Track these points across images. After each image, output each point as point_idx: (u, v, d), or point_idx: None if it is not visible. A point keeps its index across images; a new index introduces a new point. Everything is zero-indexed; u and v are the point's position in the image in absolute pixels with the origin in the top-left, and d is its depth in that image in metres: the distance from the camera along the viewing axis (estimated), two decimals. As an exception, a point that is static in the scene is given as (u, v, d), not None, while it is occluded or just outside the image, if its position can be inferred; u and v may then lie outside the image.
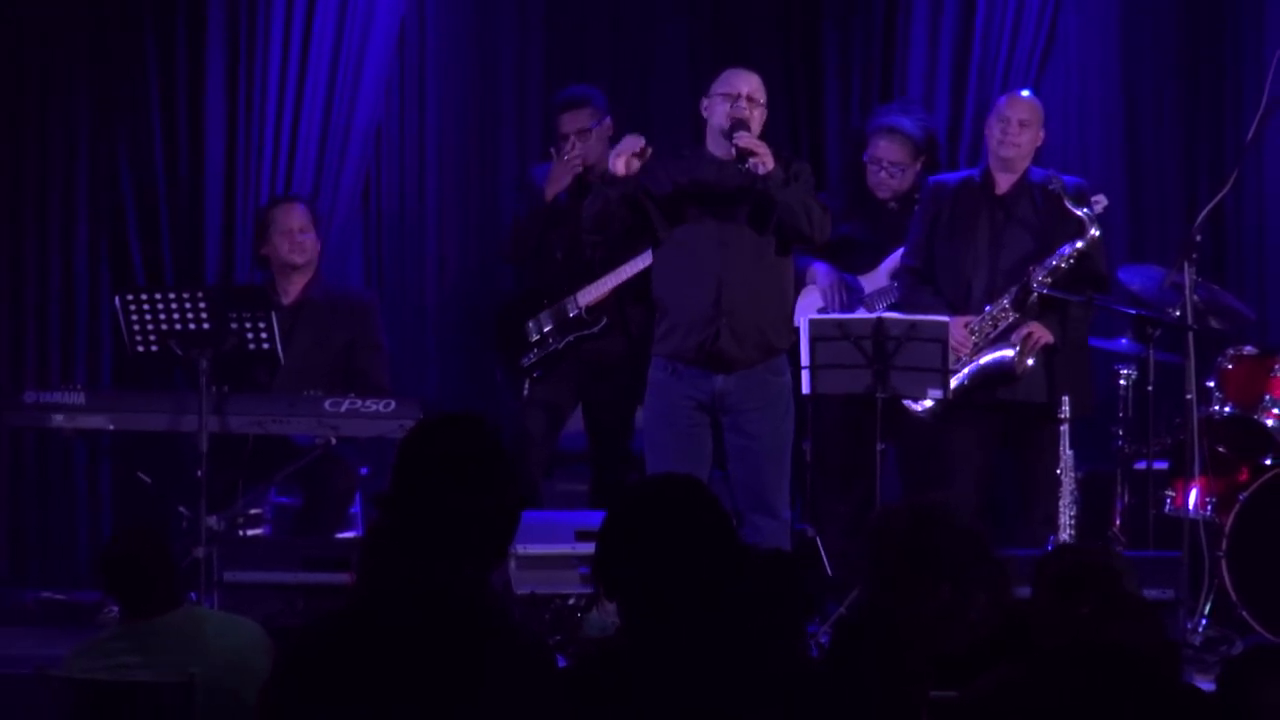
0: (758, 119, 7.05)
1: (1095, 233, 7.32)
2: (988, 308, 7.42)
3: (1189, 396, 7.30)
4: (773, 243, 7.08)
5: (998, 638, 3.94)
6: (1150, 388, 7.32)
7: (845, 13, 8.83)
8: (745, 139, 6.93)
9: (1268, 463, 7.46)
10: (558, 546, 6.94)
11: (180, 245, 8.69)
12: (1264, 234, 8.77)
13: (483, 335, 8.43)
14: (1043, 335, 7.35)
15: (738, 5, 8.94)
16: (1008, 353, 7.35)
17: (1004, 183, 7.55)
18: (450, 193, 9.05)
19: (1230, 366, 7.63)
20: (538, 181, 8.03)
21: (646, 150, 7.02)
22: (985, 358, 7.39)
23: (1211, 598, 7.22)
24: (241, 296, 7.76)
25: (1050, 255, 7.34)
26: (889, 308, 7.73)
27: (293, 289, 8.04)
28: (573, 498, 8.28)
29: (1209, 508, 7.40)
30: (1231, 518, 7.29)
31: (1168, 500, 7.51)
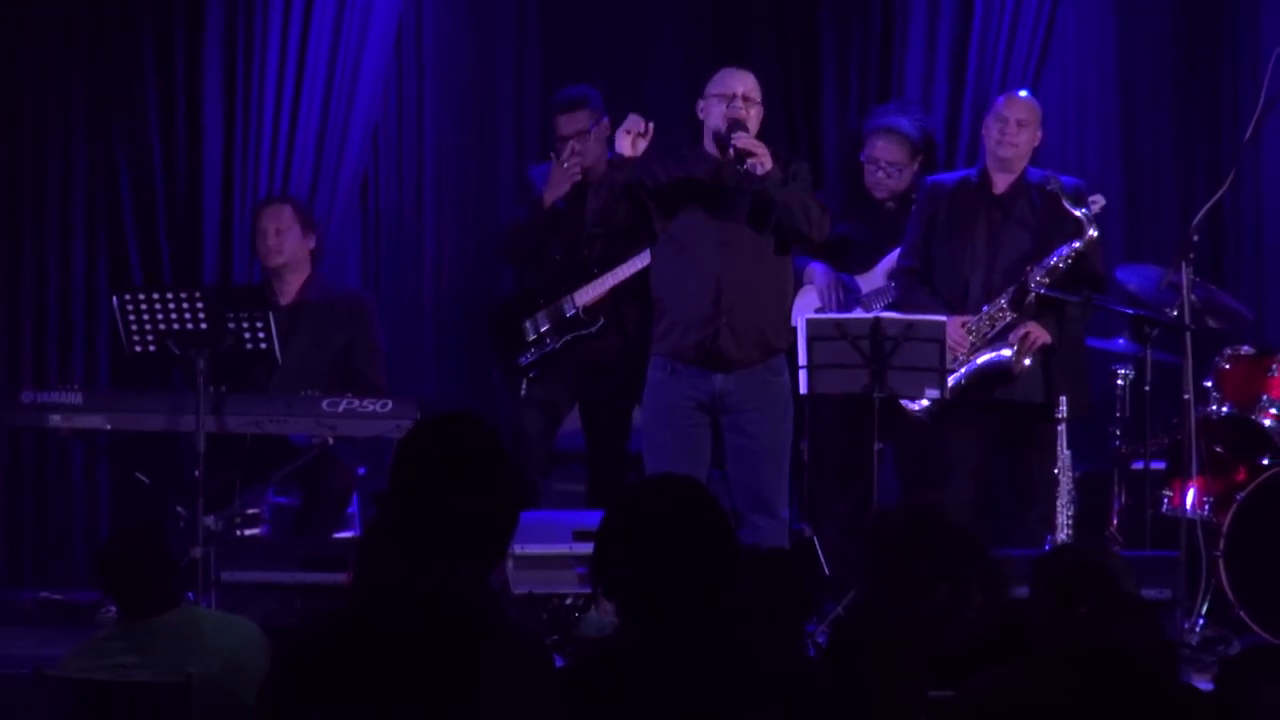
0: (754, 118, 7.04)
1: (1093, 233, 7.32)
2: (985, 307, 7.42)
3: (1186, 396, 7.29)
4: (772, 242, 7.07)
5: (995, 638, 3.94)
6: (1148, 387, 7.31)
7: (843, 13, 8.82)
8: (743, 139, 6.91)
9: (1265, 462, 7.45)
10: (555, 546, 6.93)
11: (178, 245, 8.69)
12: (1261, 234, 8.77)
13: (480, 335, 8.43)
14: (1040, 335, 7.35)
15: (735, 6, 8.93)
16: (1005, 352, 7.35)
17: (1001, 183, 7.54)
18: (448, 193, 9.05)
19: (1228, 366, 7.62)
20: (535, 182, 8.02)
21: (649, 127, 7.01)
22: (983, 357, 7.39)
23: (1209, 598, 7.21)
24: (239, 297, 7.76)
25: (1048, 255, 7.34)
26: (886, 307, 7.72)
27: (290, 289, 8.05)
28: (570, 497, 8.28)
29: (1206, 508, 7.39)
30: (1229, 518, 7.29)
31: (1165, 500, 7.50)
